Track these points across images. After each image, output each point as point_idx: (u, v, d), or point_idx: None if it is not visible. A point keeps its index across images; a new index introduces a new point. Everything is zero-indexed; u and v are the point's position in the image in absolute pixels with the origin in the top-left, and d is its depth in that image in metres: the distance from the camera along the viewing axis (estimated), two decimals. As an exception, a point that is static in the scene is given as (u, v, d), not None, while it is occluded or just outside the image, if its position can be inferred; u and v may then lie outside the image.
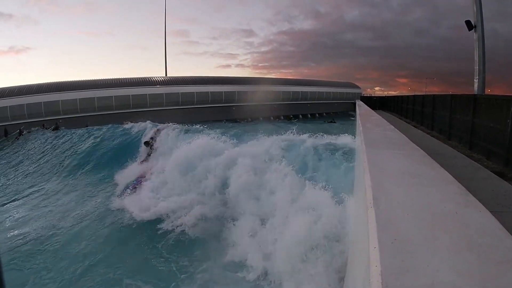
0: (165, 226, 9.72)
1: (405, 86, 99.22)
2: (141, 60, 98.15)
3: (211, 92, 38.21)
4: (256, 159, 10.35)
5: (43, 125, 27.93)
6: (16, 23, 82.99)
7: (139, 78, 35.96)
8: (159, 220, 10.02)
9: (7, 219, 11.23)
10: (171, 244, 8.93)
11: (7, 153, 22.41)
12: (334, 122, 39.45)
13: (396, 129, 7.39)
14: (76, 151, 18.43)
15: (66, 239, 9.35)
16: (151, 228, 9.75)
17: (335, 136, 11.50)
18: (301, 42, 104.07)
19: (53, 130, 25.63)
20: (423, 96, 15.65)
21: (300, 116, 43.94)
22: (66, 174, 16.15)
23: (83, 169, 16.38)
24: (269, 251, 7.09)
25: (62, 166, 17.11)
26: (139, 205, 10.80)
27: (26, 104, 29.12)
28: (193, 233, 9.20)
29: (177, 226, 9.51)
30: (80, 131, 21.96)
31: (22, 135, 26.54)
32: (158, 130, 16.95)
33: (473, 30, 12.54)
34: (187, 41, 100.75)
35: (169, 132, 16.00)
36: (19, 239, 9.38)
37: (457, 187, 2.81)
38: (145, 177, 13.18)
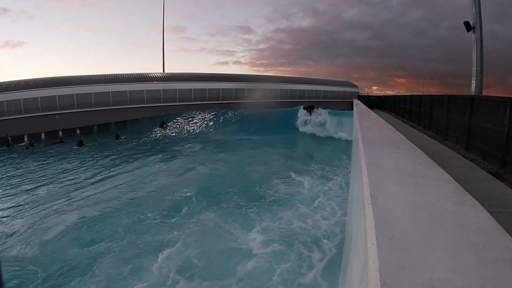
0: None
1: (402, 86, 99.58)
2: (138, 56, 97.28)
3: (209, 89, 38.12)
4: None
5: (61, 139, 26.76)
6: (12, 17, 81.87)
7: (137, 74, 35.78)
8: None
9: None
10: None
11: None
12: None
13: (393, 128, 7.40)
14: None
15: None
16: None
17: None
18: (299, 40, 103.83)
19: (77, 145, 23.84)
20: (421, 96, 15.70)
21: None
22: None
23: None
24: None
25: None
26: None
27: (23, 99, 28.87)
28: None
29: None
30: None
31: (34, 146, 24.79)
32: None
33: (472, 31, 12.58)
34: (185, 37, 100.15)
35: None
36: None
37: (454, 186, 2.82)
38: None
